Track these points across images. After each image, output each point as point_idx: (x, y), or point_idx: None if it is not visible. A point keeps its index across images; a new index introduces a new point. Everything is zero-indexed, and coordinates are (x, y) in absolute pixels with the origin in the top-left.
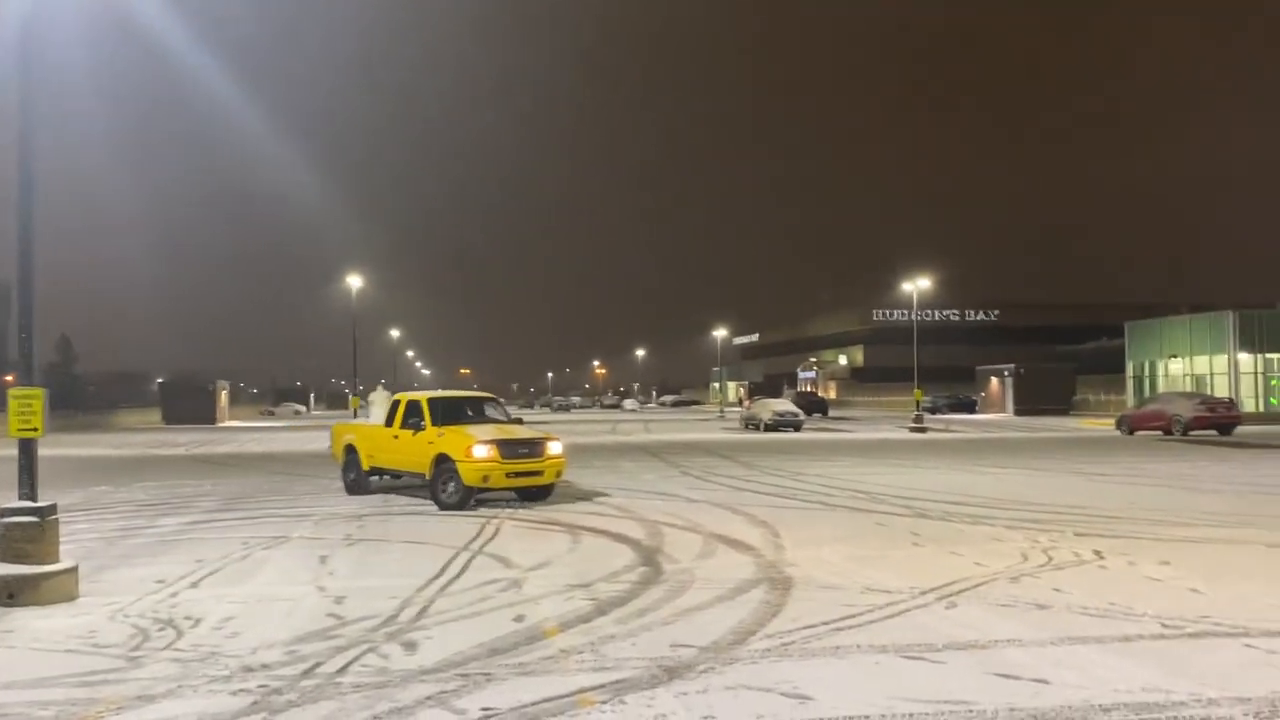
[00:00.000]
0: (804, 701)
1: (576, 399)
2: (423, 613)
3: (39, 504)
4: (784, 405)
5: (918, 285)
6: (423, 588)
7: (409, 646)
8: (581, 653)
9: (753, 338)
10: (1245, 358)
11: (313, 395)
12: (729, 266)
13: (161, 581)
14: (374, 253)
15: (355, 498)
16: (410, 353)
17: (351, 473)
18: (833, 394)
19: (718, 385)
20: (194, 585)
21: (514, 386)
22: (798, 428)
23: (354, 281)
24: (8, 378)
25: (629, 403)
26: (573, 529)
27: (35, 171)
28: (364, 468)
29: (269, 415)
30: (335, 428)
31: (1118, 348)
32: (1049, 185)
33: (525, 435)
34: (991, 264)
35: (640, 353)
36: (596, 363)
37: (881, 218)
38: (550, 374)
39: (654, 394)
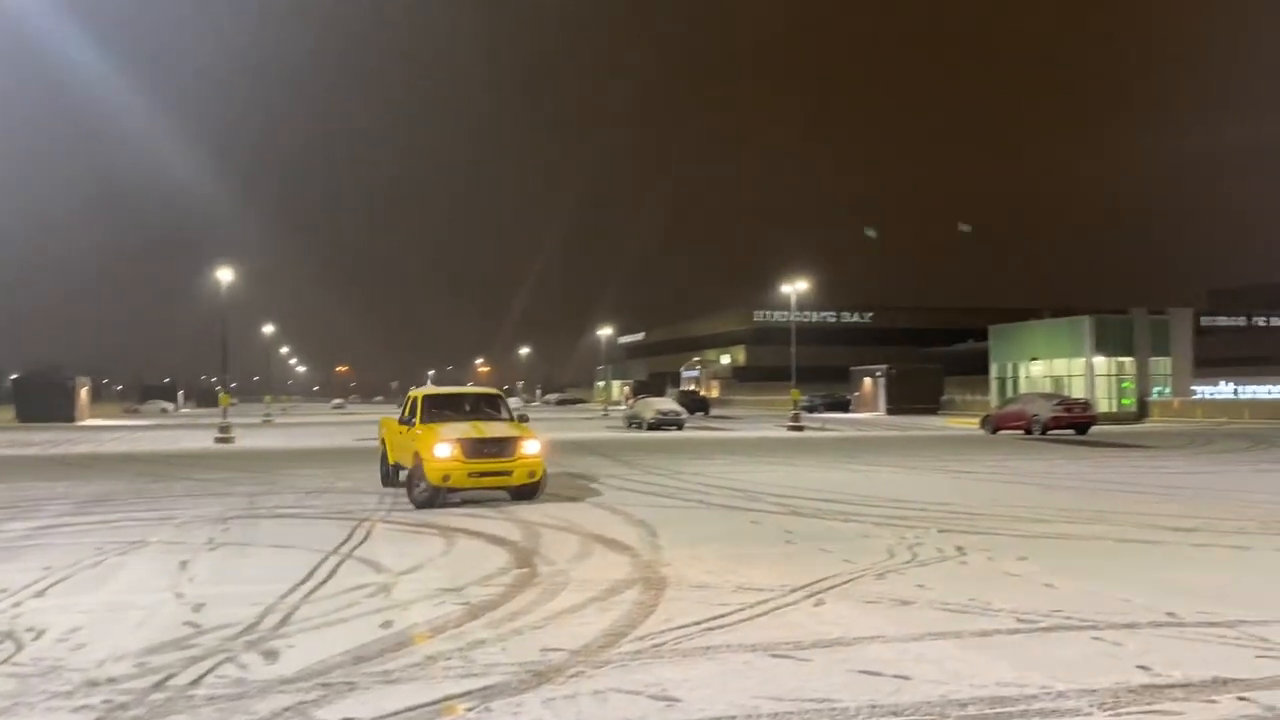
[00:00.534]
0: (671, 704)
1: None
2: (286, 620)
3: None
4: (667, 404)
5: (796, 287)
6: (287, 594)
7: (269, 655)
8: (450, 659)
9: (638, 336)
10: (1100, 361)
11: (181, 392)
12: (615, 266)
13: (3, 591)
14: (252, 247)
15: (220, 499)
16: (285, 349)
17: (384, 466)
18: (715, 393)
19: (602, 384)
20: (39, 594)
21: (394, 384)
22: (680, 426)
23: (225, 275)
24: None
25: (513, 401)
26: (447, 531)
27: None
28: (389, 462)
29: (134, 413)
30: (381, 421)
31: (983, 350)
32: (924, 194)
33: (496, 434)
34: (866, 268)
35: (524, 350)
36: (479, 360)
37: (762, 221)
38: (431, 372)
39: (538, 392)
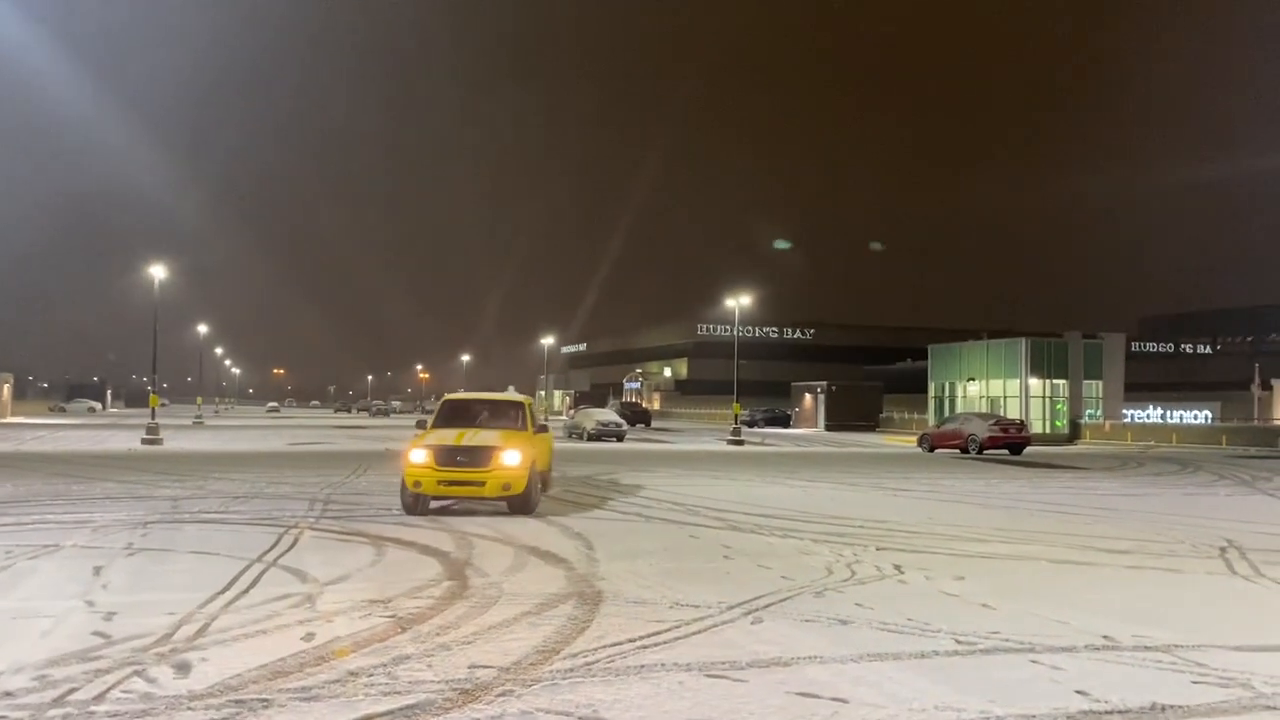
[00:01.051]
0: None
1: (397, 404)
2: (202, 631)
3: None
4: (607, 415)
5: (740, 302)
6: (206, 603)
7: (181, 669)
8: (373, 675)
9: (580, 347)
10: (1035, 382)
11: (109, 391)
12: (559, 275)
13: None
14: (190, 241)
15: (142, 502)
16: (220, 350)
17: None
18: (657, 405)
19: (544, 393)
20: None
21: (331, 389)
22: (621, 438)
23: (157, 272)
24: None
25: None
26: (378, 540)
27: None
28: None
29: (60, 412)
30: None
31: (921, 369)
32: (863, 217)
33: (473, 443)
34: (807, 287)
35: (465, 358)
36: (420, 367)
37: (706, 235)
38: (370, 377)
39: None
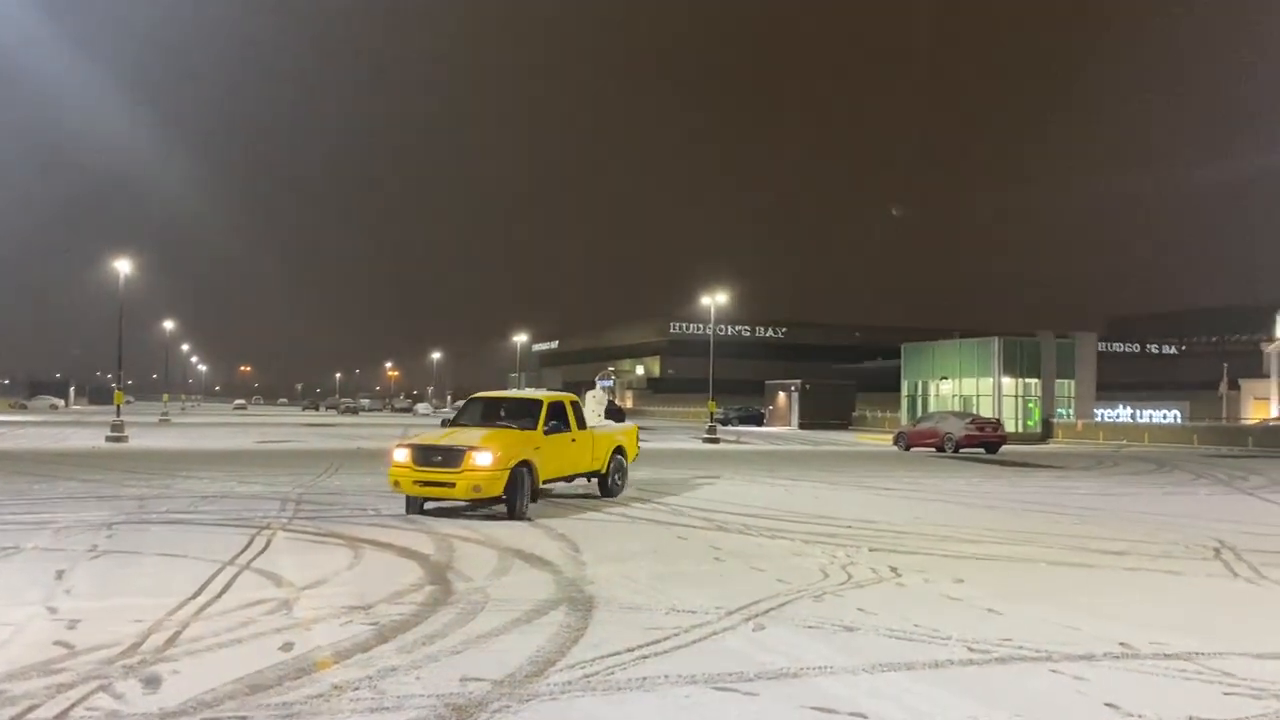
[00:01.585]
0: None
1: (366, 401)
2: (172, 640)
3: None
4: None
5: (715, 300)
6: (176, 609)
7: (150, 683)
8: (358, 689)
9: (552, 344)
10: (1008, 381)
11: (73, 388)
12: (531, 272)
13: None
14: (156, 240)
15: (107, 502)
16: (186, 347)
17: None
18: (630, 403)
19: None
20: None
21: (298, 387)
22: None
23: (122, 266)
24: None
25: (422, 406)
26: (354, 542)
27: None
28: None
29: (20, 409)
30: None
31: (894, 368)
32: (838, 217)
33: (448, 443)
34: (780, 286)
35: (436, 355)
36: (389, 364)
37: (679, 234)
38: (339, 375)
39: (449, 398)
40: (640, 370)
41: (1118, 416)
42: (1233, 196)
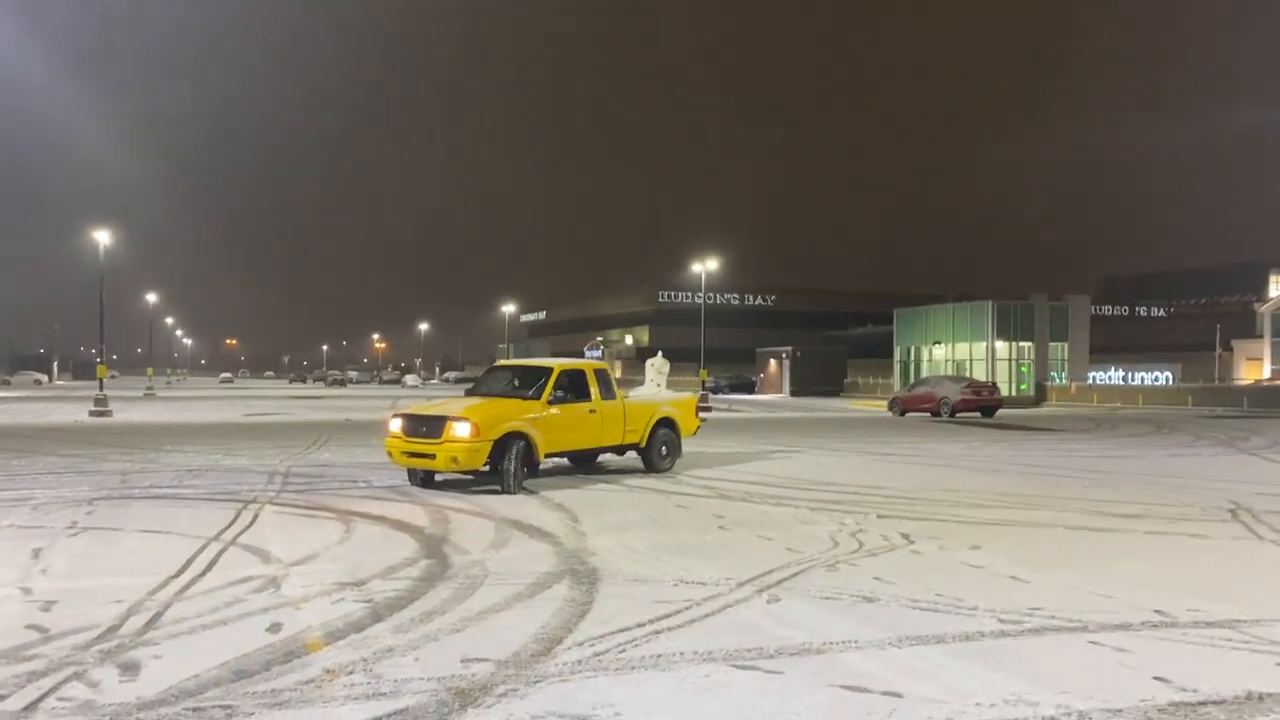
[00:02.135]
0: None
1: (354, 374)
2: (153, 622)
3: None
4: None
5: (706, 267)
6: (157, 589)
7: (128, 669)
8: (352, 673)
9: (540, 315)
10: (1001, 345)
11: (56, 363)
12: (519, 243)
13: None
14: (139, 213)
15: (88, 477)
16: (170, 320)
17: None
18: (619, 373)
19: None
20: None
21: (285, 359)
22: None
23: (102, 237)
24: None
25: (410, 379)
26: (345, 515)
27: None
28: None
29: (3, 384)
30: None
31: (886, 333)
32: (833, 183)
33: (433, 413)
34: (769, 253)
35: (423, 327)
36: (376, 336)
37: (669, 201)
38: (325, 347)
39: (437, 370)
40: (629, 340)
41: (1110, 379)
42: (1224, 157)
